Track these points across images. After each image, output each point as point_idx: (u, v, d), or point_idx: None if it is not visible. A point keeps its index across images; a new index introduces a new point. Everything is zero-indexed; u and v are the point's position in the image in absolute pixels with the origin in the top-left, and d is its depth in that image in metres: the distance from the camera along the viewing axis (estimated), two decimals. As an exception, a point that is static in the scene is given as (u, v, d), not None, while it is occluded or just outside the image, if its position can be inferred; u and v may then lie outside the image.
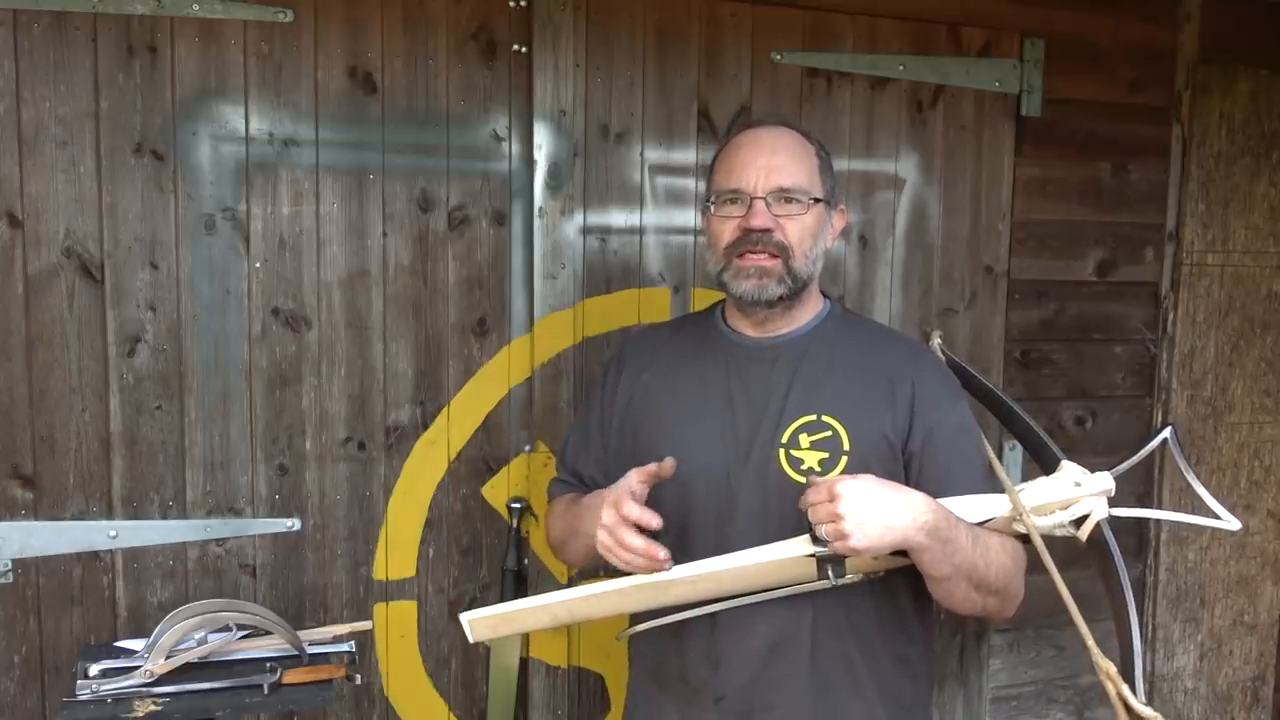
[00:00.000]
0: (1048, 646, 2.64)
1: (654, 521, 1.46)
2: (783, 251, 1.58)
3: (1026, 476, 2.32)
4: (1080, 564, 1.66)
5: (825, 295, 1.74)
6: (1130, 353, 2.66)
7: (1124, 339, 2.65)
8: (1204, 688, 2.85)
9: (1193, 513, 1.69)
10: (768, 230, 1.57)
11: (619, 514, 1.46)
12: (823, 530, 1.40)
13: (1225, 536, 2.76)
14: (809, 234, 1.60)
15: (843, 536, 1.38)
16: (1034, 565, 1.57)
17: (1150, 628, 2.75)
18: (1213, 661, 2.84)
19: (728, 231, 1.60)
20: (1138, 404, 2.68)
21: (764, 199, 1.57)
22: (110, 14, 1.86)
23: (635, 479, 1.49)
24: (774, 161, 1.59)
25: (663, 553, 1.46)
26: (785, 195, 1.58)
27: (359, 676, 1.88)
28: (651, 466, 1.50)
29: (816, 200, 1.61)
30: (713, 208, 1.64)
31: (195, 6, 1.90)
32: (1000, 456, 2.44)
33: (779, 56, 2.25)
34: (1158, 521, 2.67)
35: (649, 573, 1.49)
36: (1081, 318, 2.59)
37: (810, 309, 1.68)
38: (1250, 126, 2.68)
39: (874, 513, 1.38)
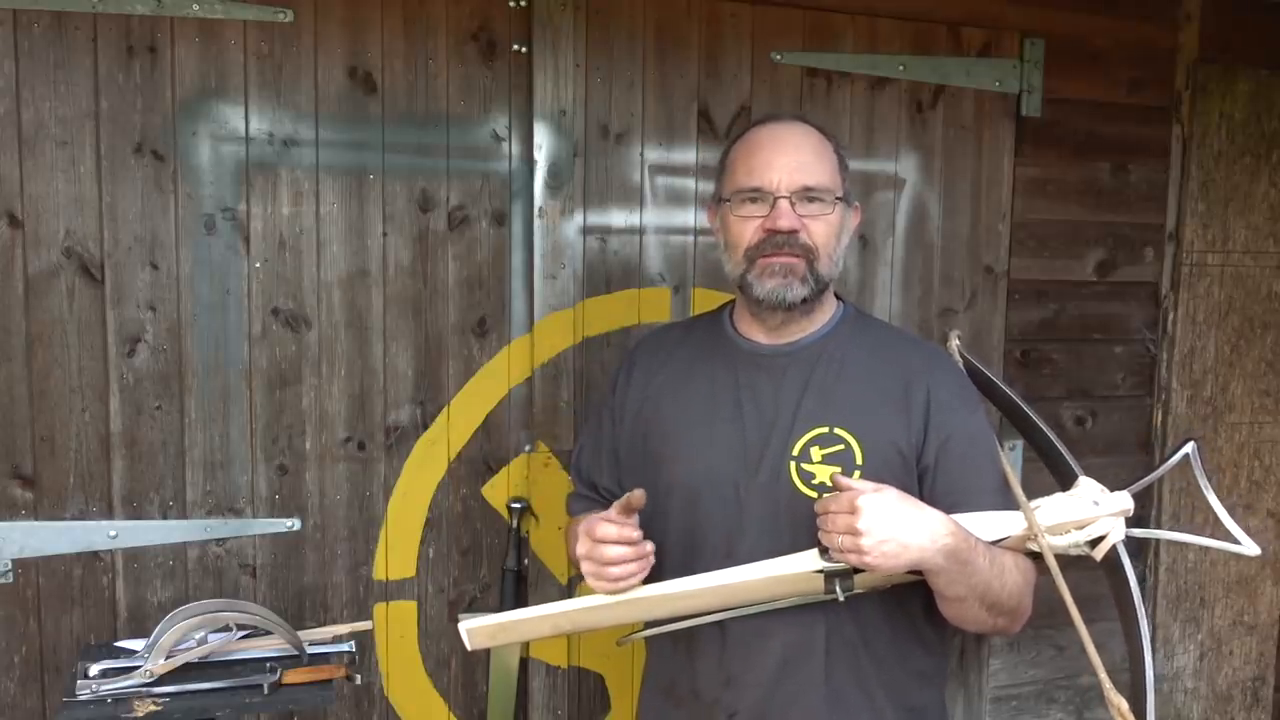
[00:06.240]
0: (1048, 646, 2.64)
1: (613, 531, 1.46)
2: (808, 253, 1.52)
3: (1028, 477, 2.34)
4: (1083, 565, 1.65)
5: (839, 297, 1.68)
6: (1130, 353, 2.66)
7: (1124, 339, 2.65)
8: (1204, 688, 2.85)
9: (1202, 526, 1.65)
10: (794, 232, 1.51)
11: (592, 540, 1.47)
12: (839, 540, 1.37)
13: (1224, 536, 2.75)
14: (834, 234, 1.55)
15: (859, 551, 1.35)
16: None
17: (1150, 628, 2.74)
18: (1213, 661, 2.84)
19: (749, 233, 1.54)
20: (1138, 404, 2.68)
21: (788, 198, 1.51)
22: (110, 14, 1.86)
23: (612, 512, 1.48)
24: (798, 159, 1.53)
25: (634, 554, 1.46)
26: (810, 195, 1.52)
27: (359, 676, 1.88)
28: (620, 501, 1.47)
29: (838, 199, 1.56)
30: (730, 206, 1.57)
31: (195, 6, 1.90)
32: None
33: (779, 56, 2.25)
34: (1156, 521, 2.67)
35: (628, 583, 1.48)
36: (1081, 318, 2.59)
37: (824, 313, 1.62)
38: (1250, 126, 2.68)
39: (893, 530, 1.35)
